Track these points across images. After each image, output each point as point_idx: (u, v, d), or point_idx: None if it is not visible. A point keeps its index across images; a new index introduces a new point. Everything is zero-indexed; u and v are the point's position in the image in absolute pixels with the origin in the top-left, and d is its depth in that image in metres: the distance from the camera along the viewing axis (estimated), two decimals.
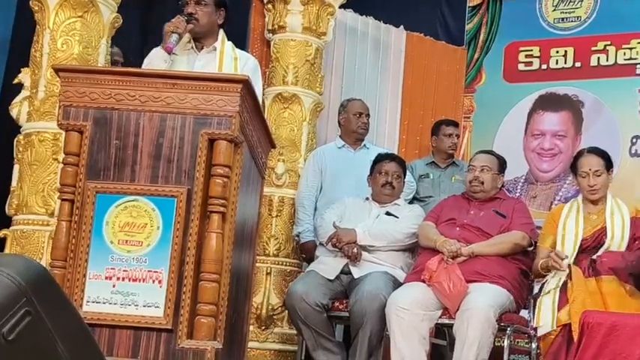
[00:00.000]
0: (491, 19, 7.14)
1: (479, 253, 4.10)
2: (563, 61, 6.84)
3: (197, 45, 3.62)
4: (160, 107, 2.86)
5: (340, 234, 4.34)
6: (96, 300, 2.77)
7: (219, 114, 2.83)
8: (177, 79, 2.90)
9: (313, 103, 5.40)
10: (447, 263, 4.01)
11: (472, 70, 7.08)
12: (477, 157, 4.51)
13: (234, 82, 2.88)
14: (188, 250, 2.76)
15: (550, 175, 6.74)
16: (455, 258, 4.05)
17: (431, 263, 4.02)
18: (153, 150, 2.83)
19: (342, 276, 4.35)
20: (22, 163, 3.93)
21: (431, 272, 3.99)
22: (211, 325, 2.73)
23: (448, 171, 5.55)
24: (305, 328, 4.22)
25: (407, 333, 3.91)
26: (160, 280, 2.75)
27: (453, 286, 3.94)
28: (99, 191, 2.81)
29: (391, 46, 6.45)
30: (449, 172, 5.54)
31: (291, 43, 5.41)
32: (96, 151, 2.85)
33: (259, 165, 3.29)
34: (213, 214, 2.78)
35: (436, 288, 3.98)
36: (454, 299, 3.93)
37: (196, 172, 2.80)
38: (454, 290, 3.93)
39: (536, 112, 6.88)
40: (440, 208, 4.48)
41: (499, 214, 4.29)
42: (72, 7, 3.93)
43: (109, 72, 3.01)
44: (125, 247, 2.78)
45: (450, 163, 5.59)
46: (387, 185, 4.57)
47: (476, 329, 3.80)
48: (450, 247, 4.05)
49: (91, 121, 2.86)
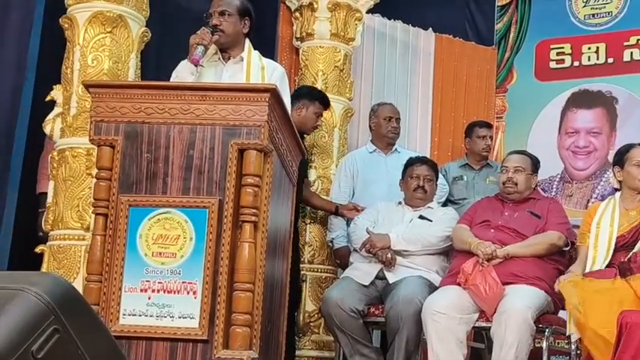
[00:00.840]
0: (520, 18, 7.09)
1: (514, 255, 4.07)
2: (596, 57, 6.76)
3: (224, 56, 3.64)
4: (190, 119, 2.89)
5: (374, 240, 4.33)
6: (132, 313, 2.79)
7: (247, 124, 2.85)
8: (205, 90, 2.92)
9: (343, 108, 5.40)
10: (483, 266, 3.98)
11: (503, 69, 7.03)
12: (510, 157, 4.47)
13: (261, 91, 2.89)
14: (221, 260, 2.77)
15: (586, 173, 6.66)
16: (490, 260, 4.02)
17: (466, 266, 3.99)
18: (183, 162, 2.86)
19: (377, 281, 4.34)
20: (56, 178, 3.98)
21: (466, 275, 3.96)
22: (246, 334, 2.74)
23: (482, 173, 5.52)
24: (341, 335, 4.22)
25: (444, 337, 3.88)
26: (195, 291, 2.77)
27: (489, 288, 3.91)
28: (132, 204, 2.84)
29: (420, 48, 6.43)
30: (483, 174, 5.51)
31: (320, 49, 5.42)
32: (128, 164, 2.88)
33: (290, 173, 3.29)
34: (245, 223, 2.79)
35: (472, 291, 3.95)
36: (490, 302, 3.90)
37: (227, 183, 2.82)
38: (490, 293, 3.90)
39: (569, 110, 6.81)
40: (473, 210, 4.45)
41: (534, 214, 4.25)
42: (101, 23, 3.97)
43: (138, 86, 3.04)
44: (159, 259, 2.80)
45: (483, 165, 5.56)
46: (419, 189, 4.55)
47: (514, 331, 3.76)
48: (485, 250, 4.02)
49: (122, 136, 2.89)
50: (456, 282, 4.03)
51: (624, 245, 3.96)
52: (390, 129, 5.20)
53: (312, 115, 4.88)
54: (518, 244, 4.12)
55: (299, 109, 4.82)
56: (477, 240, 4.12)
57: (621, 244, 3.96)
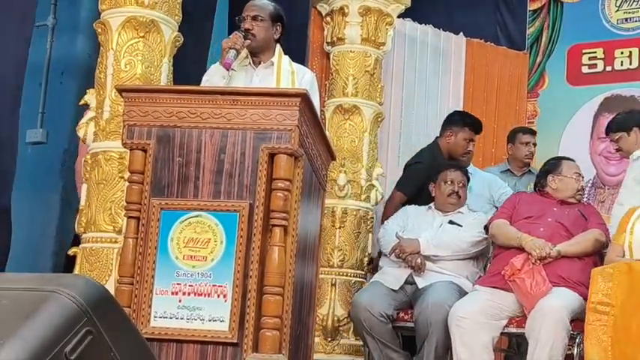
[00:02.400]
0: (552, 22, 7.05)
1: (565, 254, 4.03)
2: (628, 62, 6.71)
3: (254, 60, 3.66)
4: (221, 123, 2.90)
5: (403, 244, 4.33)
6: (163, 315, 2.81)
7: (278, 128, 2.86)
8: (236, 95, 2.94)
9: (374, 113, 5.40)
10: (534, 264, 3.94)
11: (535, 74, 7.00)
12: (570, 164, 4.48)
13: (292, 96, 2.91)
14: (251, 263, 2.78)
15: (618, 179, 6.57)
16: (543, 260, 3.98)
17: (516, 261, 3.94)
18: (214, 166, 2.88)
19: (406, 286, 4.33)
20: (89, 182, 4.02)
21: (515, 270, 3.92)
22: (276, 338, 2.75)
23: (524, 179, 5.49)
24: (370, 339, 4.22)
25: (468, 342, 3.87)
26: (225, 295, 2.78)
27: (535, 284, 3.87)
28: (163, 208, 2.86)
29: (451, 53, 6.42)
30: (524, 181, 5.48)
31: (350, 54, 5.42)
32: (160, 168, 2.90)
33: (320, 177, 3.30)
34: (275, 227, 2.80)
35: (517, 285, 3.90)
36: (533, 298, 3.85)
37: (257, 187, 2.83)
38: (536, 289, 3.86)
39: (601, 115, 6.76)
40: (511, 205, 4.39)
41: (583, 215, 4.24)
42: (134, 27, 4.01)
43: (170, 90, 3.07)
44: (190, 262, 2.82)
45: (525, 172, 5.53)
46: (453, 194, 4.54)
47: (549, 329, 3.73)
48: (539, 252, 3.97)
49: (154, 140, 2.92)
50: (493, 283, 4.00)
51: None
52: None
53: (462, 141, 4.94)
54: (568, 242, 4.08)
55: (448, 136, 4.92)
56: (530, 237, 4.07)
57: None
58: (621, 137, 4.76)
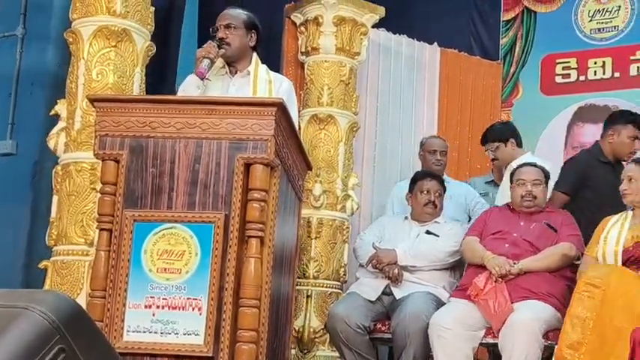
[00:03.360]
0: (526, 32, 7.08)
1: (528, 269, 4.02)
2: (602, 71, 6.75)
3: (231, 69, 3.62)
4: (196, 133, 2.87)
5: (380, 255, 4.29)
6: (136, 329, 2.76)
7: (254, 138, 2.83)
8: (211, 104, 2.91)
9: (349, 123, 5.38)
10: (496, 282, 3.94)
11: (509, 84, 7.02)
12: (525, 170, 4.41)
13: (268, 105, 2.88)
14: (227, 276, 2.75)
15: None
16: (504, 278, 3.97)
17: (478, 280, 3.95)
18: (189, 176, 2.84)
19: (383, 297, 4.30)
20: (60, 193, 3.96)
21: (477, 290, 3.92)
22: (252, 351, 2.72)
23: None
24: (347, 351, 4.17)
25: (450, 353, 3.84)
26: (200, 308, 2.74)
27: (498, 306, 3.88)
28: (137, 219, 2.82)
29: (426, 63, 6.41)
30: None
31: (325, 64, 5.40)
32: (132, 179, 2.86)
33: (296, 187, 3.27)
34: (252, 238, 2.77)
35: (481, 306, 3.92)
36: (498, 319, 3.86)
37: (233, 197, 2.79)
38: (499, 310, 3.87)
39: (575, 125, 6.79)
40: (483, 221, 4.40)
41: (550, 227, 4.21)
42: (106, 37, 3.96)
43: (143, 100, 3.02)
44: (164, 275, 2.78)
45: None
46: (430, 204, 4.52)
47: (522, 343, 3.72)
48: (499, 270, 3.97)
49: (127, 150, 2.87)
50: (465, 295, 3.99)
51: (631, 259, 3.92)
52: (434, 161, 5.26)
53: (626, 139, 4.78)
54: (532, 258, 4.07)
55: (610, 136, 4.78)
56: (491, 255, 4.07)
57: (627, 258, 3.93)
58: (498, 147, 4.92)
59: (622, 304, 3.58)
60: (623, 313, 3.55)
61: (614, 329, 3.52)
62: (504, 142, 4.94)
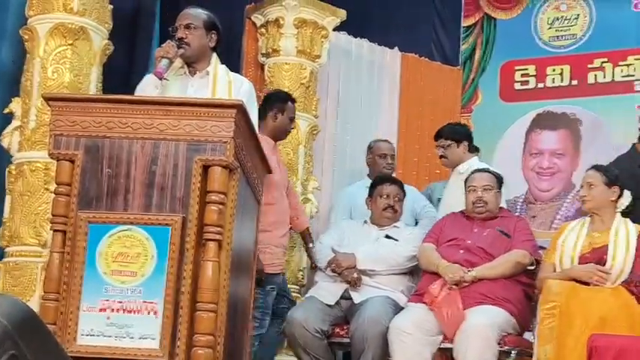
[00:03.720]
0: (486, 39, 7.13)
1: (481, 277, 4.04)
2: (560, 79, 6.82)
3: (190, 70, 3.56)
4: (153, 134, 2.81)
5: (339, 259, 4.27)
6: (90, 333, 2.70)
7: (213, 140, 2.78)
8: (169, 105, 2.85)
9: (309, 126, 5.36)
10: (450, 289, 3.95)
11: (468, 90, 7.06)
12: (476, 176, 4.45)
13: (227, 107, 2.83)
14: (184, 279, 2.69)
15: (550, 195, 6.69)
16: (458, 285, 3.98)
17: (433, 288, 3.96)
18: (146, 178, 2.78)
19: (342, 301, 4.28)
20: (13, 193, 3.88)
21: (432, 297, 3.93)
22: (209, 356, 2.67)
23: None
24: (305, 355, 4.14)
25: (410, 357, 3.85)
26: (156, 311, 2.68)
27: (450, 314, 3.89)
28: (91, 221, 2.75)
29: (386, 67, 6.42)
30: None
31: (286, 66, 5.37)
32: (88, 180, 2.79)
33: (255, 190, 3.23)
34: (209, 242, 2.72)
35: (435, 312, 3.92)
36: (450, 327, 3.87)
37: (191, 200, 2.74)
38: (451, 318, 3.88)
39: (533, 131, 6.85)
40: (439, 229, 4.41)
41: (504, 233, 4.22)
42: (62, 35, 3.89)
43: (100, 100, 2.96)
44: (119, 277, 2.72)
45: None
46: (389, 208, 4.51)
47: (475, 349, 3.74)
48: (452, 277, 3.98)
49: (83, 150, 2.81)
50: (422, 300, 3.99)
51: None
52: (385, 165, 5.25)
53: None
54: (486, 265, 4.09)
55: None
56: (445, 263, 4.08)
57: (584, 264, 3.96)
58: (450, 146, 4.97)
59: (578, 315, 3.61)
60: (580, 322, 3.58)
61: (574, 337, 3.55)
62: (457, 142, 4.97)
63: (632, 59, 6.53)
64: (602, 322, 3.60)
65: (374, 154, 5.33)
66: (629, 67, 6.55)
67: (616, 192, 4.06)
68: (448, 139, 4.98)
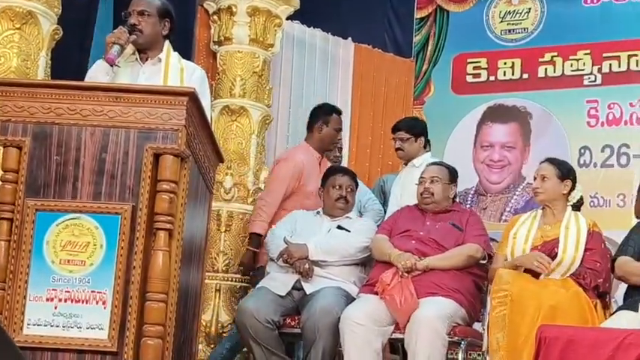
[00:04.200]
0: (438, 31, 7.16)
1: (433, 267, 4.06)
2: (511, 72, 6.88)
3: (142, 57, 3.51)
4: (103, 121, 2.77)
5: (291, 250, 4.26)
6: (37, 322, 2.67)
7: (164, 128, 2.75)
8: (120, 92, 2.82)
9: (261, 115, 5.32)
10: (402, 277, 3.96)
11: (421, 81, 7.08)
12: (427, 168, 4.48)
13: (179, 94, 2.80)
14: (133, 269, 2.67)
15: (500, 187, 6.76)
16: (410, 272, 4.00)
17: (385, 276, 3.97)
18: (95, 166, 2.74)
19: (293, 292, 4.26)
20: None
21: (384, 285, 3.94)
22: (158, 346, 2.64)
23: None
24: (256, 346, 4.12)
25: (361, 348, 3.85)
26: (104, 301, 2.66)
27: (404, 300, 3.90)
28: (39, 209, 2.71)
29: (339, 58, 6.42)
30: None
31: (238, 54, 5.33)
32: (35, 167, 2.75)
33: (207, 180, 3.20)
34: (160, 231, 2.70)
35: (388, 301, 3.93)
36: (404, 314, 3.89)
37: (141, 188, 2.71)
38: (405, 305, 3.89)
39: (484, 124, 6.90)
40: (393, 220, 4.43)
41: (456, 226, 4.25)
42: (9, 18, 3.81)
43: (48, 85, 2.91)
44: (67, 266, 2.68)
45: None
46: (341, 199, 4.51)
47: (425, 342, 3.75)
48: (405, 263, 4.00)
49: (30, 137, 2.77)
50: (373, 291, 3.99)
51: None
52: (332, 158, 5.23)
53: None
54: (438, 256, 4.11)
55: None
56: (397, 251, 4.10)
57: None
58: (409, 139, 4.97)
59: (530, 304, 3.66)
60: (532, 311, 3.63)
61: (526, 326, 3.59)
62: (416, 137, 4.99)
63: (581, 54, 6.62)
64: (553, 311, 3.64)
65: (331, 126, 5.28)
66: (579, 61, 6.63)
67: (568, 185, 4.11)
68: (408, 133, 5.00)
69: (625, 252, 3.92)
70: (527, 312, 3.64)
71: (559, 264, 3.92)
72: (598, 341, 3.26)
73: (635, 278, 3.79)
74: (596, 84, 6.56)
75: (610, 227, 4.93)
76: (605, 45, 6.54)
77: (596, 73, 6.56)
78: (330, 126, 4.86)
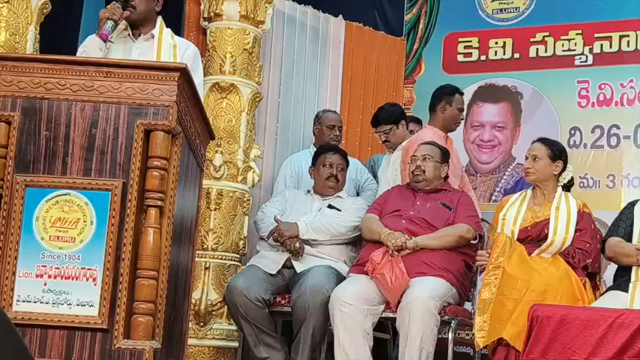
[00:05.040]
0: (430, 10, 7.11)
1: (424, 246, 4.06)
2: (502, 52, 6.85)
3: (134, 32, 3.49)
4: (93, 96, 2.74)
5: (282, 228, 4.25)
6: (26, 299, 2.65)
7: (155, 104, 2.72)
8: (110, 67, 2.78)
9: (252, 93, 5.28)
10: (392, 256, 3.95)
11: (412, 61, 7.05)
12: (419, 147, 4.47)
13: (171, 70, 2.77)
14: (124, 246, 2.65)
15: (490, 167, 6.75)
16: (400, 251, 3.99)
17: (375, 255, 3.96)
18: (85, 141, 2.71)
19: (284, 270, 4.26)
20: None
21: (375, 264, 3.93)
22: (149, 324, 2.63)
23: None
24: (246, 324, 4.12)
25: (350, 328, 3.84)
26: (95, 278, 2.64)
27: (395, 278, 3.89)
28: (28, 185, 2.69)
29: (330, 36, 6.37)
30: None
31: (228, 31, 5.27)
32: (25, 142, 2.72)
33: (198, 157, 3.18)
34: (150, 208, 2.67)
35: (378, 280, 3.92)
36: (395, 292, 3.88)
37: (132, 165, 2.69)
38: (396, 283, 3.89)
39: (475, 104, 6.89)
40: (383, 200, 4.42)
41: (446, 206, 4.25)
42: None
43: (38, 59, 2.86)
44: (57, 243, 2.66)
45: None
46: (331, 178, 4.50)
47: (418, 322, 3.76)
48: (394, 241, 3.99)
49: (20, 112, 2.73)
50: (363, 271, 3.99)
51: (528, 239, 4.00)
52: (333, 137, 5.27)
53: None
54: (428, 235, 4.11)
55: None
56: (388, 230, 4.09)
57: (524, 237, 4.00)
58: (391, 129, 4.99)
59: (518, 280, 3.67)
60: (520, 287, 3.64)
61: (512, 301, 3.60)
62: (396, 124, 4.99)
63: (573, 34, 6.60)
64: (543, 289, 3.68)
65: (322, 124, 5.33)
66: (570, 41, 6.61)
67: (559, 166, 4.11)
68: (388, 124, 5.00)
69: (616, 232, 3.93)
70: (515, 287, 3.66)
71: (550, 245, 3.92)
72: (590, 321, 3.27)
73: (626, 259, 3.80)
74: (588, 64, 6.55)
75: (599, 208, 4.95)
76: (597, 25, 6.52)
77: (588, 53, 6.55)
78: (453, 105, 4.92)
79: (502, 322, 3.60)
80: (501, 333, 3.57)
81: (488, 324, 3.62)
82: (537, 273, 3.75)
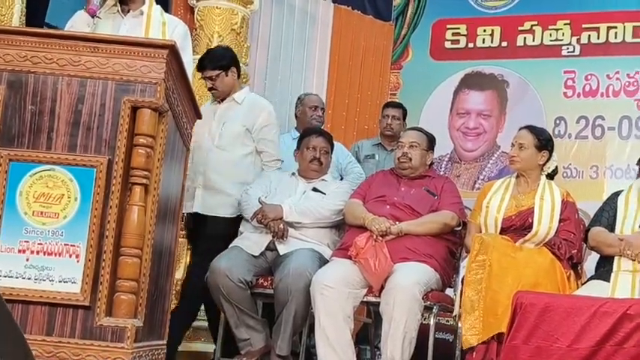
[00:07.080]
0: None
1: (408, 232, 4.05)
2: (490, 40, 6.86)
3: (123, 8, 3.45)
4: (80, 72, 2.72)
5: (266, 210, 4.22)
6: (8, 274, 2.63)
7: (142, 80, 2.70)
8: (98, 42, 2.75)
9: None
10: (376, 241, 3.95)
11: (399, 46, 7.04)
12: (406, 133, 4.46)
13: (159, 47, 2.75)
14: (108, 223, 2.63)
15: (474, 155, 6.77)
16: (384, 236, 3.99)
17: (359, 240, 3.95)
18: (71, 117, 2.69)
19: (267, 252, 4.24)
20: None
21: (358, 249, 3.92)
22: (132, 302, 2.62)
23: (394, 153, 5.51)
24: (227, 305, 4.10)
25: (331, 311, 3.84)
26: (78, 255, 2.62)
27: (378, 263, 3.89)
28: (12, 159, 2.66)
29: (319, 18, 6.35)
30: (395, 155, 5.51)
31: (217, 10, 5.25)
32: (9, 116, 2.69)
33: (184, 136, 3.16)
34: (135, 186, 2.66)
35: (362, 265, 3.92)
36: (378, 277, 3.88)
37: (118, 142, 2.66)
38: (379, 268, 3.88)
39: (461, 91, 6.89)
40: (367, 185, 4.41)
41: (430, 192, 4.24)
42: None
43: (24, 32, 2.83)
44: (40, 218, 2.64)
45: (396, 146, 5.54)
46: (315, 160, 4.47)
47: (402, 307, 3.75)
48: (379, 227, 3.99)
49: (5, 85, 2.71)
50: (347, 255, 3.98)
51: (512, 228, 4.00)
52: (315, 117, 5.25)
53: None
54: (413, 221, 4.11)
55: None
56: (372, 215, 4.08)
57: (508, 226, 4.00)
58: (219, 76, 4.41)
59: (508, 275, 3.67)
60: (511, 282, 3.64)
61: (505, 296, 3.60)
62: (225, 70, 4.44)
63: (561, 24, 6.61)
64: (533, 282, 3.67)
65: (304, 105, 5.30)
66: (558, 31, 6.63)
67: (545, 156, 4.10)
68: (215, 69, 4.41)
69: (599, 222, 3.93)
70: (506, 282, 3.65)
71: (534, 235, 3.92)
72: (573, 309, 3.29)
73: (608, 249, 3.81)
74: (575, 54, 6.57)
75: (582, 198, 4.97)
76: (585, 16, 6.54)
77: (575, 43, 6.57)
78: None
79: (497, 318, 3.59)
80: (500, 327, 3.55)
81: (481, 321, 3.61)
82: (525, 265, 3.75)
